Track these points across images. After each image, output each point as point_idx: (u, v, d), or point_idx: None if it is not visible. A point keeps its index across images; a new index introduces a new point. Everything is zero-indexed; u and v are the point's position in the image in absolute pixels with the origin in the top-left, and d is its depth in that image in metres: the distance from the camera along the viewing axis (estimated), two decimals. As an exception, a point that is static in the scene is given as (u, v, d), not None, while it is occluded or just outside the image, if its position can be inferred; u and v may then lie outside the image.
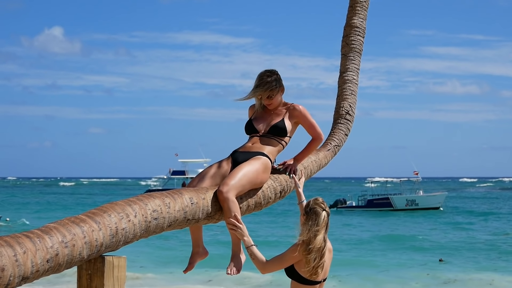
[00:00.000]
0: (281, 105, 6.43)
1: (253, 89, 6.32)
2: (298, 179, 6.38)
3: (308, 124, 6.41)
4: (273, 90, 6.29)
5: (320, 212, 5.59)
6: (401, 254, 30.66)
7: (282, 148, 6.36)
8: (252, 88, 6.34)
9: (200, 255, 6.17)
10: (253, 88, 6.32)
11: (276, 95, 6.33)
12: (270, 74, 6.31)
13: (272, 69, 6.37)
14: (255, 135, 6.36)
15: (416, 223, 47.74)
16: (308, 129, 6.44)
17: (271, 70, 6.36)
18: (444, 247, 33.27)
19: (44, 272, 4.49)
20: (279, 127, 6.32)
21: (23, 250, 4.35)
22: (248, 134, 6.41)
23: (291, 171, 6.38)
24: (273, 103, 6.35)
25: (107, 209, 4.99)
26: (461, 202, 75.08)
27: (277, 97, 6.35)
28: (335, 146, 7.23)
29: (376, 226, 44.78)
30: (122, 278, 5.06)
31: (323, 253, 5.56)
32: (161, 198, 5.37)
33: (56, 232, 4.59)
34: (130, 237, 5.06)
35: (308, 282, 5.62)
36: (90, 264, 4.96)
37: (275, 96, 6.32)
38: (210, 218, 5.78)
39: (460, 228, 43.46)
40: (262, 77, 6.29)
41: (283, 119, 6.35)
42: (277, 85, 6.31)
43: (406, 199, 61.73)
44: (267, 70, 6.36)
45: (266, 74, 6.31)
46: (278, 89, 6.33)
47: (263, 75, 6.30)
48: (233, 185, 5.81)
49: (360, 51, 7.83)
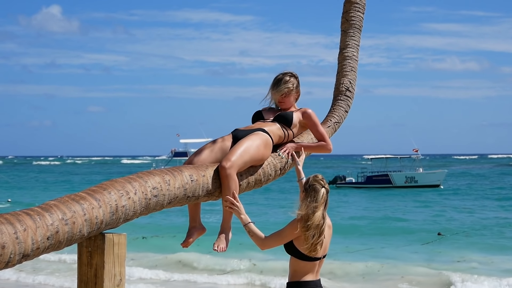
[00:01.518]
0: (293, 107, 6.53)
1: (271, 86, 6.48)
2: (298, 156, 6.37)
3: (315, 128, 6.45)
4: (289, 88, 6.42)
5: (319, 189, 5.59)
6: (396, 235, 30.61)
7: (283, 136, 6.35)
8: (270, 86, 6.49)
9: (197, 230, 6.17)
10: (272, 85, 6.48)
11: (291, 95, 6.45)
12: (291, 75, 6.47)
13: (294, 73, 6.51)
14: (259, 120, 6.40)
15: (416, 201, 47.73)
16: (315, 133, 6.48)
17: (293, 72, 6.51)
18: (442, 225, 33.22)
19: (44, 250, 4.50)
20: (284, 116, 6.39)
21: (24, 228, 4.36)
22: (253, 122, 6.45)
23: (287, 152, 6.36)
24: (286, 102, 6.46)
25: (107, 186, 5.00)
26: (461, 180, 75.09)
27: (291, 98, 6.46)
28: (335, 123, 7.21)
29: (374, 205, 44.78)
30: (122, 255, 5.07)
31: (321, 230, 5.57)
32: (161, 176, 5.37)
33: (56, 210, 4.59)
34: (130, 214, 5.07)
35: (308, 258, 5.63)
36: (90, 241, 4.97)
37: (290, 95, 6.44)
38: (210, 195, 5.78)
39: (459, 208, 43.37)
40: (281, 76, 6.46)
41: (292, 112, 6.43)
42: (294, 87, 6.44)
43: (405, 176, 61.73)
44: (288, 71, 6.50)
45: (287, 74, 6.47)
46: (294, 91, 6.46)
47: (283, 74, 6.47)
48: (235, 161, 5.83)
49: (360, 27, 7.79)
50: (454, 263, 21.43)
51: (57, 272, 19.73)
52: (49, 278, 18.81)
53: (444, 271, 19.09)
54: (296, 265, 5.68)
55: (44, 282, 18.52)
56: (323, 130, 6.48)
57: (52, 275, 19.22)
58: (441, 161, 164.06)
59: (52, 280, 18.57)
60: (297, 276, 5.68)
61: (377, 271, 19.59)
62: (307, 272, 5.67)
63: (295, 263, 5.68)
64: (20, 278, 18.71)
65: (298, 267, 5.67)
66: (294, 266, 5.70)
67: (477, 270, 19.79)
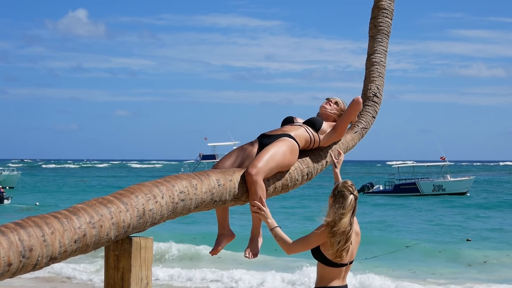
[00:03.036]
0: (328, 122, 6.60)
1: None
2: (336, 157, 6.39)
3: (346, 118, 6.52)
4: (340, 103, 6.65)
5: (348, 196, 5.58)
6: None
7: (309, 140, 6.33)
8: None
9: (226, 237, 6.16)
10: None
11: (340, 107, 6.64)
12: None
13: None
14: (288, 124, 6.39)
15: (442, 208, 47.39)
16: (342, 120, 6.52)
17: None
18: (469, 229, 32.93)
19: (71, 253, 4.51)
20: (313, 120, 6.40)
21: (51, 231, 4.37)
22: (282, 126, 6.46)
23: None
24: (329, 109, 6.59)
25: (134, 190, 5.00)
26: (488, 187, 74.49)
27: (338, 109, 6.64)
28: (363, 128, 7.18)
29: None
30: (149, 259, 5.07)
31: (348, 237, 5.55)
32: (188, 180, 5.37)
33: (84, 213, 4.60)
34: (157, 218, 5.07)
35: (334, 264, 5.61)
36: (117, 244, 4.98)
37: (338, 107, 6.63)
38: (236, 200, 5.78)
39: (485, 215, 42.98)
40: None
41: (323, 120, 6.48)
42: (340, 106, 6.66)
43: (433, 184, 61.34)
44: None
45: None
46: (339, 109, 6.65)
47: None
48: (261, 168, 5.81)
49: (388, 33, 7.76)
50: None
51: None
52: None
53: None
54: (323, 270, 5.66)
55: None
56: (345, 127, 6.54)
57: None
58: (466, 167, 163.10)
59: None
60: (323, 281, 5.67)
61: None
62: (334, 278, 5.65)
63: (322, 269, 5.67)
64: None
65: (325, 273, 5.65)
66: (320, 271, 5.68)
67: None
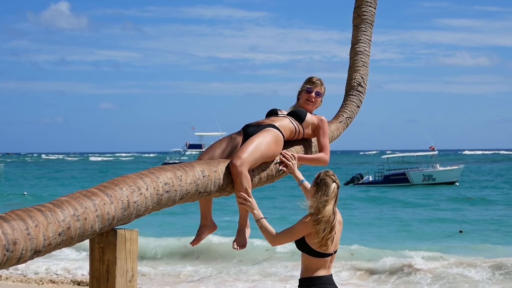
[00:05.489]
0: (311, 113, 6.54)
1: (305, 82, 6.54)
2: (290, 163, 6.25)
3: (323, 137, 6.42)
4: (322, 89, 6.52)
5: (330, 184, 5.59)
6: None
7: (294, 131, 6.30)
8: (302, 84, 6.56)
9: (208, 228, 6.16)
10: (306, 82, 6.54)
11: (321, 98, 6.53)
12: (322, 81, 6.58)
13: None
14: (272, 116, 6.37)
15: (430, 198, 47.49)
16: (320, 141, 6.41)
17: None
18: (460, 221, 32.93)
19: (56, 246, 4.49)
20: (297, 112, 6.36)
21: (35, 224, 4.35)
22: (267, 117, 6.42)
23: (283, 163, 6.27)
24: (314, 103, 6.49)
25: (118, 182, 4.99)
26: (476, 176, 74.71)
27: (320, 101, 6.54)
28: (347, 118, 7.19)
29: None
30: (134, 251, 5.06)
31: (332, 225, 5.56)
32: (173, 171, 5.36)
33: (68, 206, 4.59)
34: (142, 210, 5.06)
35: (319, 254, 5.61)
36: (102, 237, 4.97)
37: (320, 99, 6.52)
38: (222, 191, 5.77)
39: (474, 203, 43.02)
40: (318, 78, 6.54)
41: (307, 112, 6.42)
42: (323, 93, 6.55)
43: (423, 174, 61.38)
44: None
45: (318, 78, 6.55)
46: (322, 96, 6.54)
47: (315, 77, 6.56)
48: (246, 159, 5.80)
49: (372, 22, 7.76)
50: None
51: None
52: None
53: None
54: (308, 261, 5.66)
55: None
56: (328, 142, 6.43)
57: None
58: (454, 156, 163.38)
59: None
60: (309, 272, 5.67)
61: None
62: (319, 268, 5.66)
63: (307, 260, 5.67)
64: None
65: (310, 263, 5.66)
66: (306, 262, 5.68)
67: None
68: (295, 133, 6.32)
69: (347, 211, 34.59)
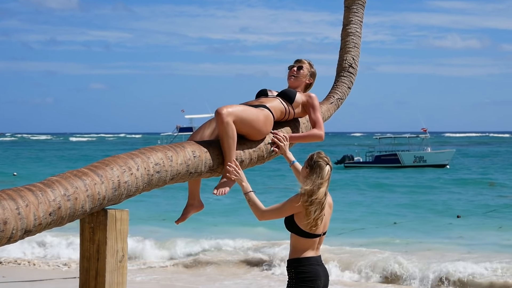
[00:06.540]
0: (300, 91, 6.51)
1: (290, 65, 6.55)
2: (282, 144, 6.24)
3: (314, 112, 6.38)
4: (304, 63, 6.50)
5: (324, 166, 5.61)
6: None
7: (285, 112, 6.29)
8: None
9: (194, 207, 6.16)
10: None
11: (304, 72, 6.49)
12: (310, 63, 6.57)
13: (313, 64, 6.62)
14: (262, 97, 6.36)
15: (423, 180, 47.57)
16: (312, 117, 6.37)
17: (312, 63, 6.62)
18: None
19: (46, 225, 4.50)
20: (287, 92, 6.35)
21: (26, 204, 4.35)
22: (256, 98, 6.42)
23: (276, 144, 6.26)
24: (297, 79, 6.47)
25: (109, 162, 4.99)
26: (466, 159, 74.83)
27: (304, 75, 6.49)
28: (338, 99, 7.19)
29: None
30: (124, 231, 5.07)
31: (323, 206, 5.58)
32: (163, 152, 5.36)
33: (59, 186, 4.59)
34: (133, 190, 5.06)
35: (308, 235, 5.63)
36: (92, 217, 4.97)
37: (303, 72, 6.48)
38: (212, 171, 5.78)
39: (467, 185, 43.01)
40: (301, 59, 6.56)
41: (296, 91, 6.41)
42: (308, 70, 6.52)
43: (414, 155, 61.40)
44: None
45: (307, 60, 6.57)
46: (308, 75, 6.51)
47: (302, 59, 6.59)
48: (233, 111, 5.78)
49: (363, 3, 7.75)
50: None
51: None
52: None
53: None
54: (297, 242, 5.68)
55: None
56: (320, 116, 6.40)
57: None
58: (444, 138, 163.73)
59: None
60: (297, 252, 5.69)
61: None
62: (308, 249, 5.67)
63: (296, 240, 5.68)
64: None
65: (299, 244, 5.67)
66: (294, 243, 5.70)
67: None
68: (286, 114, 6.32)
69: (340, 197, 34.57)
